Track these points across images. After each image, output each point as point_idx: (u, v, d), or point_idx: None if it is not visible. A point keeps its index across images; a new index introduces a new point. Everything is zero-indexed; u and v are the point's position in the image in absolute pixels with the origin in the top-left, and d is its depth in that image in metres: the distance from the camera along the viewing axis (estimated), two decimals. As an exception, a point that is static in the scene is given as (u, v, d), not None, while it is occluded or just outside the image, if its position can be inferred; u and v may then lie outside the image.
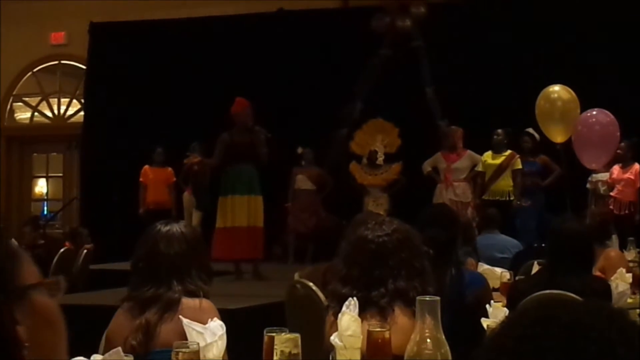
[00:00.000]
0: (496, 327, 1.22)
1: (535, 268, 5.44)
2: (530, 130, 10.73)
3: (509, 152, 10.77)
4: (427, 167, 11.34)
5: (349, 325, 2.84)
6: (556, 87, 9.97)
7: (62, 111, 15.99)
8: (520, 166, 10.73)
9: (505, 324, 1.20)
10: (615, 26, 11.51)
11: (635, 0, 11.03)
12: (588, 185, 10.55)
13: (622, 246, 7.19)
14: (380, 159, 12.02)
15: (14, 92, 16.01)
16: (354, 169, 12.08)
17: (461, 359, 2.59)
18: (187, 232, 3.40)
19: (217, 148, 9.63)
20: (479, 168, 10.92)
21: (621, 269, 5.50)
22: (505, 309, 3.83)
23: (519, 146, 10.95)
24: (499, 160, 10.75)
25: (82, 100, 15.41)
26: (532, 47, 11.95)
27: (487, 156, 10.85)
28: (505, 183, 10.71)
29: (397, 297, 3.10)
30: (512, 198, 10.64)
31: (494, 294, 4.83)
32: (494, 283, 5.23)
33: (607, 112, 9.86)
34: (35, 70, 15.88)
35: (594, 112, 9.89)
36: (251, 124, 9.59)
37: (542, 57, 11.78)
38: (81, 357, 2.55)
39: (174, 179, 12.69)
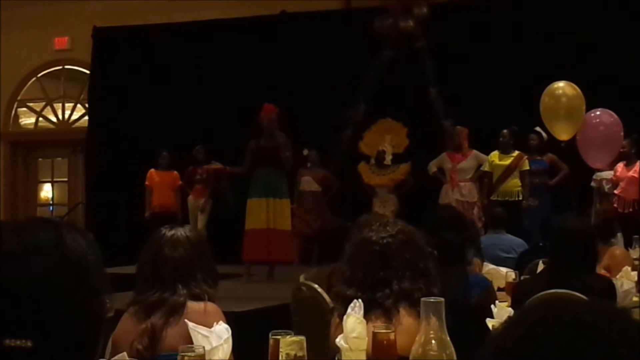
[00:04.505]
0: (498, 328, 1.22)
1: (541, 267, 5.44)
2: (538, 128, 10.68)
3: (516, 153, 10.73)
4: (432, 167, 11.34)
5: (354, 327, 2.85)
6: (561, 84, 9.89)
7: (66, 116, 16.01)
8: (528, 167, 10.69)
9: (507, 324, 1.20)
10: (615, 24, 11.50)
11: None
12: (593, 184, 10.53)
13: (627, 244, 7.18)
14: (388, 159, 11.97)
15: (18, 98, 16.04)
16: (362, 169, 12.05)
17: None
18: (191, 236, 3.41)
19: (246, 156, 9.93)
20: (485, 168, 10.89)
21: (626, 267, 5.51)
22: (510, 309, 3.83)
23: (526, 144, 10.92)
24: (507, 161, 10.71)
25: (87, 105, 15.43)
26: (536, 45, 11.94)
27: (494, 156, 10.81)
28: (514, 183, 10.67)
29: (402, 298, 3.10)
30: (521, 198, 10.62)
31: (499, 293, 4.83)
32: (499, 283, 5.23)
33: (610, 112, 9.84)
34: (39, 75, 15.89)
35: (598, 113, 9.87)
36: (275, 130, 9.78)
37: (546, 55, 11.76)
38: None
39: (180, 182, 12.71)
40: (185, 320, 3.12)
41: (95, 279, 1.37)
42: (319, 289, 4.89)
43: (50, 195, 16.76)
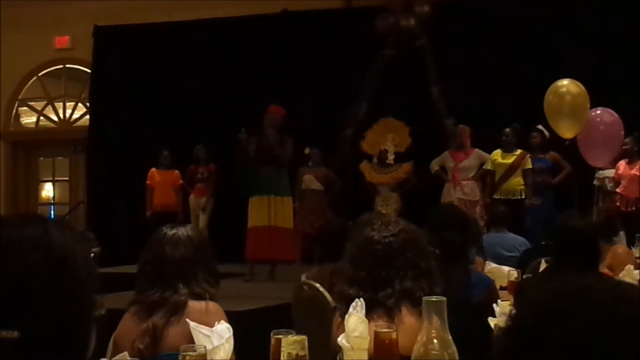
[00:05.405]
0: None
1: (543, 266, 5.43)
2: (540, 126, 10.68)
3: (519, 151, 10.71)
4: (434, 166, 11.34)
5: (356, 326, 2.84)
6: (565, 82, 9.85)
7: (67, 115, 16.00)
8: (530, 166, 10.66)
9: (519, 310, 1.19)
10: (615, 24, 11.49)
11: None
12: (595, 182, 10.51)
13: (630, 242, 7.17)
14: (391, 157, 11.96)
15: (19, 97, 16.03)
16: (364, 167, 12.04)
17: (468, 359, 2.58)
18: (193, 235, 3.40)
19: (249, 149, 9.96)
20: (488, 166, 10.87)
21: (629, 265, 5.50)
22: (512, 307, 3.81)
23: (528, 143, 10.90)
24: (509, 160, 10.69)
25: (88, 104, 15.43)
26: (537, 44, 11.92)
27: (497, 155, 10.79)
28: (517, 182, 10.65)
29: (403, 298, 3.09)
30: (523, 196, 10.60)
31: (502, 292, 4.81)
32: (501, 282, 5.22)
33: (611, 111, 9.83)
34: (40, 74, 15.88)
35: (598, 112, 9.86)
36: (271, 130, 9.83)
37: (547, 54, 11.74)
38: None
39: (181, 181, 12.69)
40: (187, 319, 3.12)
41: (83, 274, 1.36)
42: (321, 289, 4.89)
43: (51, 194, 16.75)
